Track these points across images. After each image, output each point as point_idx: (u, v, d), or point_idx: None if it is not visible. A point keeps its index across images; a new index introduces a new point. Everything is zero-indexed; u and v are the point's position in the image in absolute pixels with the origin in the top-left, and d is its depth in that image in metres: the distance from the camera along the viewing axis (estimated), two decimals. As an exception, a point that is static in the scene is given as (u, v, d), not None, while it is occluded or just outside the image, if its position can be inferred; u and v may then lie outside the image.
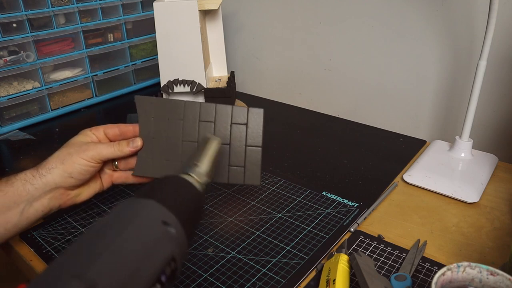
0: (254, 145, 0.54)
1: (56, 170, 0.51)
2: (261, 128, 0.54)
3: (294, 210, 0.59)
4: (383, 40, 0.82)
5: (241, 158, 0.54)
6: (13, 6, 0.83)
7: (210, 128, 0.54)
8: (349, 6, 0.84)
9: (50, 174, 0.50)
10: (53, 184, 0.50)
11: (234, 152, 0.54)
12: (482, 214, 0.58)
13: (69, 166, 0.51)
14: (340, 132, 0.84)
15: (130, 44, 1.05)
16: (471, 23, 0.71)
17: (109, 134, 0.56)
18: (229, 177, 0.54)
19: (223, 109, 0.54)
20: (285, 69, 1.02)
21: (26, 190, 0.49)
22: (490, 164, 0.67)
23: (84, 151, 0.51)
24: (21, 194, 0.49)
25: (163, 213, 0.34)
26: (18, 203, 0.49)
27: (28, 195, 0.50)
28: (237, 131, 0.54)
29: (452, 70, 0.76)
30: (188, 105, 0.54)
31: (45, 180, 0.50)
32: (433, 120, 0.82)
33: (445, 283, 0.38)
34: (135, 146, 0.54)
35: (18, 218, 0.50)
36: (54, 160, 0.51)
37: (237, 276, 0.48)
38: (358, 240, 0.53)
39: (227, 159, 0.54)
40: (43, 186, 0.50)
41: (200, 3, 0.76)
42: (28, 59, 0.87)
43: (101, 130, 0.55)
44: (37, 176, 0.50)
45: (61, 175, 0.51)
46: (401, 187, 0.65)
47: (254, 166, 0.54)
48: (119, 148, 0.53)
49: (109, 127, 0.56)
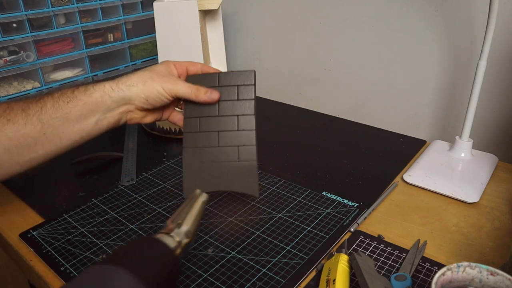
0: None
1: (135, 89, 0.52)
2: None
3: (294, 210, 0.59)
4: (383, 40, 0.82)
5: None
6: (13, 6, 0.83)
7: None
8: (349, 6, 0.84)
9: (129, 91, 0.52)
10: (128, 100, 0.52)
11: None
12: (482, 214, 0.58)
13: (149, 90, 0.52)
14: (340, 132, 0.84)
15: (130, 44, 1.05)
16: (471, 23, 0.71)
17: (191, 72, 0.57)
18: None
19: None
20: (285, 69, 1.02)
21: (104, 102, 0.52)
22: (490, 164, 0.67)
23: (165, 82, 0.53)
24: (99, 105, 0.52)
25: (118, 277, 0.33)
26: (94, 113, 0.52)
27: (105, 107, 0.52)
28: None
29: (452, 70, 0.76)
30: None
31: (123, 95, 0.52)
32: (433, 120, 0.82)
33: (445, 283, 0.38)
34: (212, 98, 0.54)
35: (92, 127, 0.52)
36: (136, 79, 0.53)
37: (237, 276, 0.48)
38: (358, 240, 0.53)
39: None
40: (119, 100, 0.52)
41: (200, 3, 0.76)
42: (28, 59, 0.87)
43: (184, 67, 0.56)
44: (116, 90, 0.52)
45: (138, 95, 0.52)
46: (401, 187, 0.65)
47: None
48: (196, 93, 0.53)
49: (192, 64, 0.57)
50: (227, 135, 0.54)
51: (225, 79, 0.55)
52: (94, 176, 0.70)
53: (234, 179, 0.53)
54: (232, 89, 0.55)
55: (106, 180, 0.69)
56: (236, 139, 0.54)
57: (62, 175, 0.71)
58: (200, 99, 0.53)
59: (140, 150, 0.78)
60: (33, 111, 0.50)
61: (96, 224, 0.57)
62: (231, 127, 0.54)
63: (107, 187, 0.66)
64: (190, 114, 0.55)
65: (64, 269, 0.49)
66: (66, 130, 0.51)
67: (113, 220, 0.58)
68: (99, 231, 0.56)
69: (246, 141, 0.53)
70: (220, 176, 0.53)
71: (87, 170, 0.72)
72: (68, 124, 0.51)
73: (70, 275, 0.49)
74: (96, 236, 0.55)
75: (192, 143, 0.55)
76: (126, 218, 0.58)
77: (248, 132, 0.54)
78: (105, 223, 0.57)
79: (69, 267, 0.50)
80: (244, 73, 0.54)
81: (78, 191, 0.66)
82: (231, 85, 0.55)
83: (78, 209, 0.60)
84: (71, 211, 0.60)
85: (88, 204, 0.61)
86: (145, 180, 0.68)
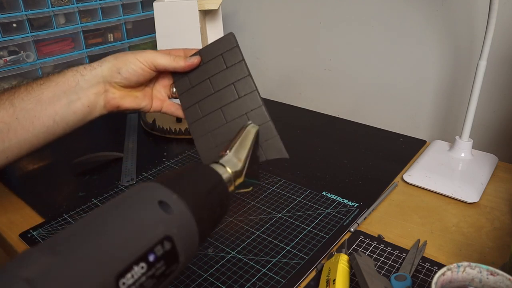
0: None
1: (106, 63, 0.51)
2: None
3: (294, 210, 0.59)
4: (383, 40, 0.82)
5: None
6: (13, 6, 0.83)
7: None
8: (349, 6, 0.84)
9: (100, 67, 0.51)
10: (100, 77, 0.51)
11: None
12: (482, 214, 0.58)
13: (121, 62, 0.51)
14: (340, 132, 0.84)
15: (130, 44, 1.05)
16: (471, 23, 0.71)
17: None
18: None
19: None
20: (285, 69, 1.02)
21: (76, 81, 0.50)
22: (490, 164, 0.67)
23: (140, 53, 0.51)
24: (71, 84, 0.50)
25: (162, 193, 0.33)
26: (67, 94, 0.50)
27: (77, 86, 0.50)
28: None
29: (452, 70, 0.76)
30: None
31: (95, 73, 0.51)
32: (433, 120, 0.82)
33: (445, 283, 0.38)
34: (192, 61, 0.52)
35: (66, 110, 0.50)
36: (109, 57, 0.52)
37: (237, 276, 0.48)
38: (358, 240, 0.53)
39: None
40: (91, 78, 0.51)
41: (200, 3, 0.76)
42: (28, 59, 0.87)
43: (167, 52, 0.54)
44: (88, 68, 0.51)
45: (109, 69, 0.51)
46: (401, 187, 0.65)
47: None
48: (176, 59, 0.52)
49: (175, 51, 0.55)
50: (231, 107, 0.51)
51: (207, 53, 0.52)
52: (94, 176, 0.70)
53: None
54: (218, 59, 0.52)
55: (106, 180, 0.69)
56: (241, 108, 0.50)
57: (62, 175, 0.71)
58: (181, 64, 0.52)
59: (140, 150, 0.78)
60: (6, 96, 0.49)
61: (96, 224, 0.57)
62: (232, 98, 0.51)
63: (107, 187, 0.66)
64: (187, 103, 0.53)
65: (64, 269, 0.49)
66: (38, 113, 0.49)
67: (113, 220, 0.58)
68: (99, 231, 0.56)
69: (252, 105, 0.50)
70: None
71: (87, 170, 0.72)
72: (40, 106, 0.49)
73: (70, 275, 0.49)
74: (96, 236, 0.55)
75: (200, 131, 0.52)
76: (126, 218, 0.58)
77: (250, 95, 0.50)
78: (105, 223, 0.57)
79: (69, 267, 0.50)
80: (223, 39, 0.51)
81: (78, 191, 0.66)
82: (215, 56, 0.52)
83: (78, 209, 0.60)
84: (71, 211, 0.60)
85: (88, 204, 0.61)
86: (145, 180, 0.68)
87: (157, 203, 0.32)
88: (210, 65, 0.52)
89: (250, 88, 0.50)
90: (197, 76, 0.53)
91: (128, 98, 0.53)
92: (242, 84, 0.50)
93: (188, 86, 0.54)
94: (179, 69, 0.52)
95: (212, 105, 0.52)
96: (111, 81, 0.51)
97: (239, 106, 0.50)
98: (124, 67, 0.51)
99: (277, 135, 0.49)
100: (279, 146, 0.49)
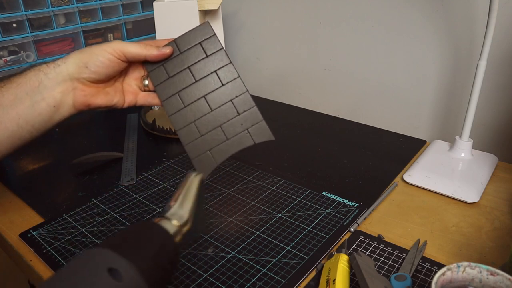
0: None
1: (71, 59, 0.48)
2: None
3: (294, 210, 0.59)
4: (383, 40, 0.82)
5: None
6: (13, 6, 0.83)
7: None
8: (349, 6, 0.84)
9: (65, 64, 0.48)
10: (66, 74, 0.48)
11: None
12: (482, 214, 0.58)
13: (87, 55, 0.48)
14: (340, 132, 0.84)
15: (130, 44, 1.05)
16: (471, 23, 0.71)
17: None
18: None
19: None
20: (285, 69, 1.02)
21: (39, 80, 0.47)
22: (490, 164, 0.67)
23: (107, 44, 0.48)
24: (33, 84, 0.47)
25: (111, 260, 0.32)
26: (30, 94, 0.47)
27: (40, 86, 0.47)
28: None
29: (452, 70, 0.76)
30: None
31: (59, 70, 0.48)
32: (433, 120, 0.82)
33: (445, 283, 0.38)
34: (164, 51, 0.50)
35: (30, 112, 0.47)
36: (74, 52, 0.48)
37: (237, 276, 0.48)
38: (358, 240, 0.53)
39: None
40: (56, 76, 0.47)
41: (200, 3, 0.76)
42: (28, 59, 0.87)
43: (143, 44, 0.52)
44: (52, 66, 0.48)
45: (76, 64, 0.48)
46: (401, 187, 0.65)
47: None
48: (147, 47, 0.50)
49: (148, 43, 0.52)
50: (215, 95, 0.51)
51: (183, 42, 0.52)
52: (94, 176, 0.70)
53: (243, 135, 0.50)
54: (196, 48, 0.51)
55: (106, 180, 0.69)
56: (225, 95, 0.51)
57: (62, 175, 0.71)
58: (153, 53, 0.50)
59: (140, 150, 0.78)
60: None
61: (96, 224, 0.57)
62: (215, 86, 0.51)
63: (107, 187, 0.66)
64: (165, 94, 0.52)
65: (64, 269, 0.49)
66: (0, 118, 0.46)
67: (113, 220, 0.58)
68: (99, 231, 0.56)
69: (237, 91, 0.51)
70: (228, 139, 0.50)
71: (87, 170, 0.72)
72: (2, 110, 0.46)
73: (70, 275, 0.49)
74: (96, 236, 0.55)
75: (183, 121, 0.51)
76: (126, 218, 0.58)
77: (234, 82, 0.51)
78: (105, 223, 0.57)
79: (69, 267, 0.50)
80: (199, 28, 0.51)
81: (78, 191, 0.66)
82: (193, 45, 0.51)
83: (78, 209, 0.60)
84: (71, 211, 0.60)
85: (88, 204, 0.61)
86: (145, 180, 0.68)
87: (106, 272, 0.31)
88: (189, 54, 0.52)
89: (233, 75, 0.51)
90: (175, 65, 0.52)
91: (99, 95, 0.50)
92: (224, 72, 0.51)
93: (165, 77, 0.52)
94: (152, 58, 0.50)
95: (194, 94, 0.52)
96: (79, 77, 0.48)
97: (224, 93, 0.51)
98: (90, 60, 0.48)
99: (263, 120, 0.51)
100: (266, 129, 0.51)
